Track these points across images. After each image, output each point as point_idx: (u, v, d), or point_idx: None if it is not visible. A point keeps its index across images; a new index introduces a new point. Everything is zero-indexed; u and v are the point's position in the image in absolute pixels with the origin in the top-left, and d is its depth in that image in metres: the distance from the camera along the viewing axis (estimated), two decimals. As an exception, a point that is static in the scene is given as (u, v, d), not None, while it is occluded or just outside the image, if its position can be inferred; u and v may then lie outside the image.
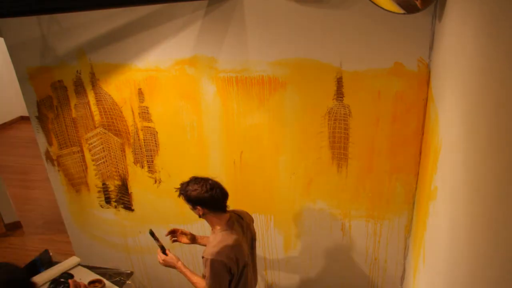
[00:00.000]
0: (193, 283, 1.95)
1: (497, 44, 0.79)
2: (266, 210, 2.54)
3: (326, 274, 2.63)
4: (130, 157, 2.67)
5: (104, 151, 2.71)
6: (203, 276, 1.90)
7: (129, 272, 2.59)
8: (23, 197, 5.01)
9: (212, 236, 1.88)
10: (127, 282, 2.50)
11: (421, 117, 2.02)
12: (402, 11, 1.63)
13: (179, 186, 1.90)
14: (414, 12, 1.63)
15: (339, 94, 2.11)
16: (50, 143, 2.81)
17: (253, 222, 2.11)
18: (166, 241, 2.13)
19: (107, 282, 2.43)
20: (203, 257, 1.84)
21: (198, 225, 2.72)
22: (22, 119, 7.93)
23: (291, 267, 2.68)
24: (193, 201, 1.84)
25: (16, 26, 2.46)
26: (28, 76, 2.61)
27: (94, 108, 2.59)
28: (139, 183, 2.73)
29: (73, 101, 2.62)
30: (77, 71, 2.51)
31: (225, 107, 2.32)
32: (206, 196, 1.80)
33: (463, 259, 0.92)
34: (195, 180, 1.86)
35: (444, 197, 1.24)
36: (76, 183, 2.89)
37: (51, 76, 2.57)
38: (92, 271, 2.55)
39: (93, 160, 2.77)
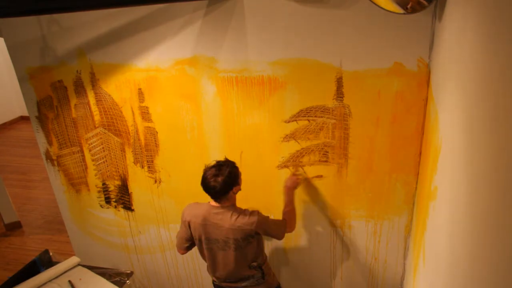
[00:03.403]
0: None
1: (497, 44, 0.79)
2: (266, 210, 2.53)
3: (326, 274, 2.63)
4: (130, 157, 2.67)
5: (104, 151, 2.72)
6: None
7: (129, 272, 2.59)
8: (23, 197, 5.02)
9: (204, 203, 2.12)
10: (127, 282, 2.51)
11: (421, 117, 2.02)
12: (402, 11, 1.63)
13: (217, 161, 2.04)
14: (414, 12, 1.63)
15: (339, 94, 2.11)
16: (50, 143, 2.81)
17: (249, 231, 2.02)
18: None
19: (107, 282, 2.43)
20: None
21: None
22: (22, 119, 7.94)
23: (291, 267, 2.68)
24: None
25: (16, 26, 2.46)
26: (28, 76, 2.61)
27: (94, 108, 2.59)
28: (139, 183, 2.73)
29: (73, 101, 2.62)
30: (77, 71, 2.51)
31: (225, 107, 2.32)
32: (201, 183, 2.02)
33: (463, 259, 0.92)
34: (212, 166, 2.00)
35: (444, 197, 1.24)
36: (76, 183, 2.89)
37: (51, 76, 2.57)
38: (92, 271, 2.55)
39: (93, 160, 2.77)
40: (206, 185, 1.96)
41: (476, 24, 0.98)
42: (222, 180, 1.93)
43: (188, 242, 2.17)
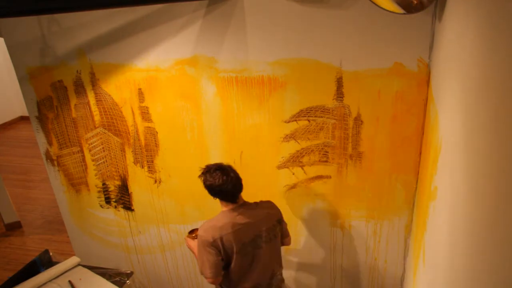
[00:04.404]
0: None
1: (497, 44, 0.79)
2: (266, 210, 2.54)
3: (326, 274, 2.62)
4: (130, 157, 2.67)
5: (104, 151, 2.72)
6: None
7: (129, 272, 2.59)
8: (23, 197, 5.01)
9: (216, 216, 2.03)
10: (127, 282, 2.50)
11: (421, 117, 2.02)
12: (402, 11, 1.63)
13: (204, 167, 2.00)
14: (414, 12, 1.63)
15: (339, 94, 2.11)
16: (50, 143, 2.81)
17: (276, 215, 2.11)
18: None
19: (107, 282, 2.43)
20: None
21: (198, 225, 2.72)
22: (22, 119, 7.93)
23: (291, 266, 2.68)
24: (207, 188, 1.98)
25: (16, 26, 2.46)
26: (28, 76, 2.61)
27: (94, 108, 2.59)
28: (139, 183, 2.73)
29: (73, 101, 2.62)
30: (77, 71, 2.51)
31: (225, 107, 2.32)
32: (217, 189, 1.94)
33: (463, 259, 0.92)
34: (214, 170, 1.95)
35: (444, 197, 1.24)
36: (76, 183, 2.89)
37: (51, 76, 2.57)
38: (92, 271, 2.55)
39: (93, 160, 2.77)
40: (224, 188, 1.90)
41: (476, 24, 0.98)
42: (235, 176, 1.93)
43: (224, 264, 1.99)
